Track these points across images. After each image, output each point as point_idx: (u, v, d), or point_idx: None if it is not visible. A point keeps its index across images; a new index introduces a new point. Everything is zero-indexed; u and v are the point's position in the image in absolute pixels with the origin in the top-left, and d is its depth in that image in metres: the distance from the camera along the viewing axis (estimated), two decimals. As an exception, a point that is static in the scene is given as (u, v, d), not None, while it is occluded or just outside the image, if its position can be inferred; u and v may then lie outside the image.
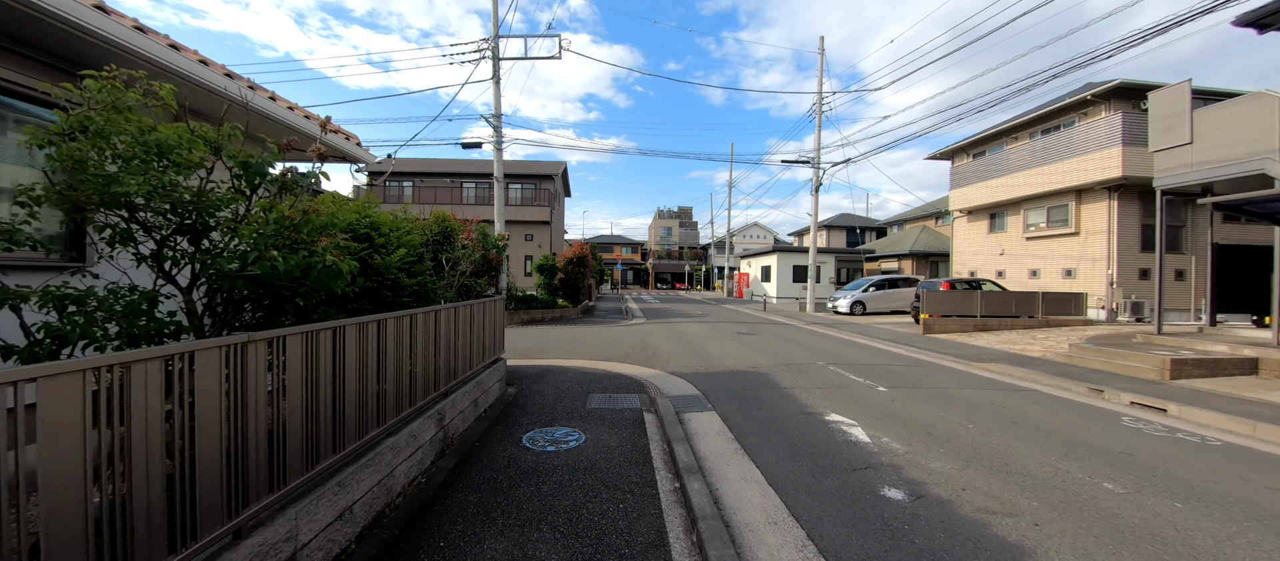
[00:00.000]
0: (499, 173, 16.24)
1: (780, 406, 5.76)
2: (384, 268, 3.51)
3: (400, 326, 3.21)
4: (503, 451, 4.09)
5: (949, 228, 29.75)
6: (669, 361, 8.75)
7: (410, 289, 3.88)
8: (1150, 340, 9.98)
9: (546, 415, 5.17)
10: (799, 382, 7.04)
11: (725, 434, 4.77)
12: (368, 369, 2.86)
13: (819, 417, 5.31)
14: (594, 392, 6.22)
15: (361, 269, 3.37)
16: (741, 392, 6.44)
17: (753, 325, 15.53)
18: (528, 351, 9.66)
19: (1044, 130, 18.33)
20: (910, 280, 21.38)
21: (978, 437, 4.74)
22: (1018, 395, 6.64)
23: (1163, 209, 10.11)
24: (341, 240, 2.79)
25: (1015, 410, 5.81)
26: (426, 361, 3.70)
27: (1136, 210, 15.85)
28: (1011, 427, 5.09)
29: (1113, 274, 15.57)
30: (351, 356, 2.69)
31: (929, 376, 7.73)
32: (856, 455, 4.22)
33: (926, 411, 5.64)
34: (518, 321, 15.15)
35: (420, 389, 3.60)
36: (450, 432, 4.15)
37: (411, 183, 29.86)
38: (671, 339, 11.92)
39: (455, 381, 4.39)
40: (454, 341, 4.32)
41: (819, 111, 20.79)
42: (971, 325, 13.89)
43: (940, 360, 9.36)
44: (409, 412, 3.40)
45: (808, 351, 10.09)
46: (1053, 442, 4.64)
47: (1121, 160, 14.66)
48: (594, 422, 4.93)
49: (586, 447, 4.21)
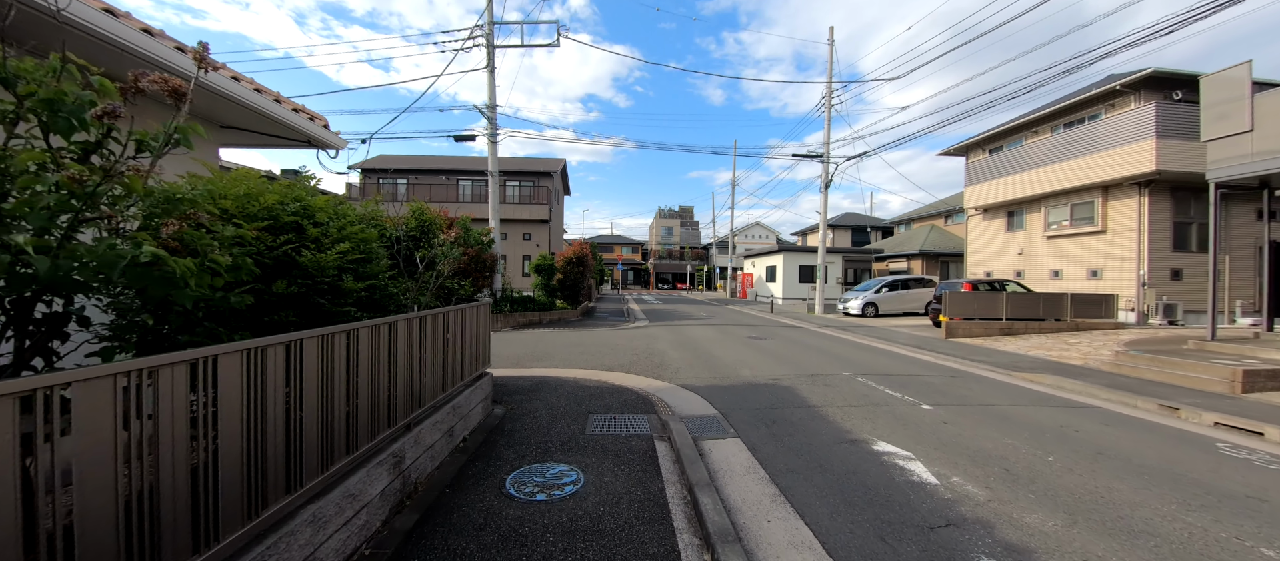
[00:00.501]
0: (493, 167, 15.35)
1: (815, 430, 4.88)
2: (316, 267, 2.62)
3: (328, 349, 2.33)
4: (480, 501, 3.20)
5: (960, 227, 28.88)
6: (677, 372, 7.86)
7: (356, 295, 2.99)
8: (1204, 347, 9.11)
9: (538, 445, 4.29)
10: (829, 398, 6.16)
11: (756, 471, 3.88)
12: (267, 415, 1.98)
13: (865, 447, 4.43)
14: (595, 412, 5.34)
15: (280, 269, 2.49)
16: (765, 412, 5.56)
17: (762, 328, 14.65)
18: (522, 359, 8.78)
19: (1067, 124, 17.46)
20: (923, 280, 20.52)
21: (1066, 476, 3.86)
22: (1082, 415, 5.76)
23: (1217, 203, 9.24)
24: (224, 228, 1.91)
25: (1090, 435, 4.93)
26: (376, 390, 2.82)
27: (1168, 206, 14.97)
28: (1098, 461, 4.21)
29: (1144, 274, 14.69)
30: (231, 403, 1.81)
31: (973, 390, 6.85)
32: (928, 504, 3.33)
33: (989, 437, 4.76)
34: (513, 324, 14.26)
35: (365, 428, 2.71)
36: (412, 477, 3.26)
37: (405, 180, 28.98)
38: (678, 344, 11.04)
39: (422, 409, 3.51)
40: (419, 359, 3.44)
41: (828, 104, 19.92)
42: (996, 329, 13.02)
43: (976, 369, 8.49)
44: (344, 465, 2.52)
45: (828, 359, 9.20)
46: (1159, 482, 3.76)
47: (1155, 153, 13.77)
48: (596, 455, 4.05)
49: (586, 494, 3.33)
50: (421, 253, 5.08)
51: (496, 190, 15.43)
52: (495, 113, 15.04)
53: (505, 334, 12.41)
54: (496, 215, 15.44)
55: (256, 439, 1.93)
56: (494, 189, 15.34)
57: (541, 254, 18.86)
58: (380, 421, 2.88)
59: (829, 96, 19.88)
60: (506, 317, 14.23)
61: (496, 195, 15.45)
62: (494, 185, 15.33)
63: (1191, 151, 13.81)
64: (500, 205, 19.63)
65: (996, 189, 19.32)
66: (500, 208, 17.28)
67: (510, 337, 11.69)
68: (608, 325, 15.21)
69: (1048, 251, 17.89)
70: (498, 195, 15.58)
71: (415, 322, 3.30)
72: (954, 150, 22.40)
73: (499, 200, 17.20)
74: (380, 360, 2.85)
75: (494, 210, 15.39)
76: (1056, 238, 17.50)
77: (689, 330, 14.00)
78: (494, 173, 15.36)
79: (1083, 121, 16.82)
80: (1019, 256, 19.08)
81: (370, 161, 31.18)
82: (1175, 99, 14.59)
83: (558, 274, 18.13)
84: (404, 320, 3.12)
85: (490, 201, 15.42)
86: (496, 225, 15.34)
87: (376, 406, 2.83)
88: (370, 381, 2.75)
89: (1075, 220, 16.78)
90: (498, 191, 15.56)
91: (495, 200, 15.42)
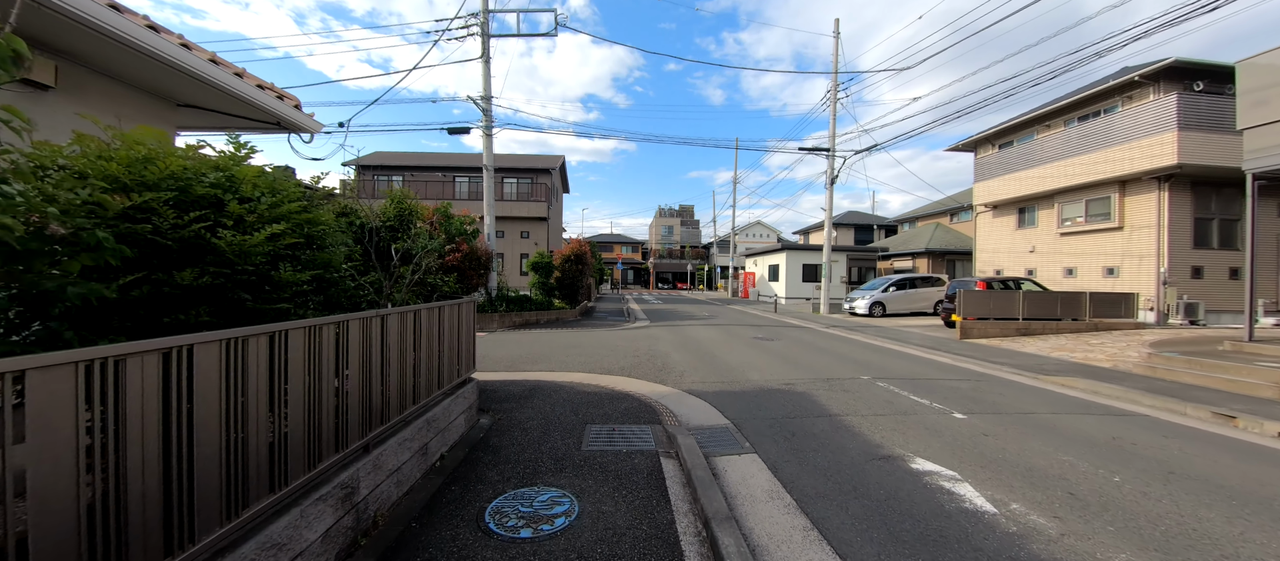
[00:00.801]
0: (488, 161, 14.78)
1: (842, 445, 4.32)
2: (237, 252, 2.06)
3: (237, 358, 1.76)
4: (452, 540, 2.64)
5: (966, 225, 28.34)
6: (682, 376, 7.30)
7: (297, 289, 2.42)
8: (1241, 348, 8.57)
9: (527, 463, 3.72)
10: (850, 406, 5.61)
11: (781, 496, 3.32)
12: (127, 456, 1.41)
13: (902, 464, 3.87)
14: (593, 422, 4.78)
15: (190, 255, 1.93)
16: (782, 422, 5.00)
17: (768, 328, 14.09)
18: (516, 361, 8.21)
19: (1081, 117, 16.91)
20: (930, 279, 19.97)
21: (1143, 502, 3.30)
22: (1131, 425, 5.21)
23: (1254, 195, 8.68)
24: (111, 200, 1.36)
25: (1150, 450, 4.37)
26: (317, 408, 2.25)
27: (1188, 202, 14.42)
28: (1172, 482, 3.66)
29: (1165, 272, 14.14)
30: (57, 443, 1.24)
31: (1004, 396, 6.30)
32: (991, 540, 2.78)
33: (1039, 452, 4.20)
34: (509, 324, 13.69)
35: (299, 456, 2.15)
36: (371, 509, 2.70)
37: (401, 176, 28.40)
38: (681, 345, 10.48)
39: (385, 426, 2.94)
40: (382, 367, 2.87)
41: (834, 95, 19.36)
42: (1013, 329, 12.47)
43: (1000, 372, 7.93)
44: (265, 507, 1.95)
45: (841, 361, 8.65)
46: (1253, 510, 3.21)
47: (1177, 146, 13.22)
48: (593, 477, 3.48)
49: (580, 529, 2.77)
50: (398, 244, 4.52)
51: (492, 185, 14.86)
52: (490, 104, 14.47)
53: (500, 334, 11.84)
54: (491, 211, 14.88)
55: (112, 491, 1.37)
56: (489, 184, 14.77)
57: (539, 252, 18.29)
58: (323, 446, 2.31)
59: (834, 88, 19.32)
60: (502, 317, 13.66)
61: (492, 191, 14.89)
62: (489, 180, 14.76)
63: (1215, 144, 13.28)
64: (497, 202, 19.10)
65: (1007, 185, 18.77)
66: (497, 205, 16.74)
67: (505, 338, 11.13)
68: (607, 325, 14.65)
69: (1061, 249, 17.34)
70: (493, 191, 15.02)
71: (375, 323, 2.73)
72: (963, 145, 21.87)
73: (495, 197, 16.59)
74: (324, 370, 2.29)
75: (489, 206, 14.83)
76: (1071, 235, 16.95)
77: (692, 330, 13.44)
78: (489, 167, 14.80)
79: (1098, 114, 16.27)
80: (1031, 254, 18.53)
81: (365, 158, 30.60)
82: (1196, 90, 14.04)
83: (556, 272, 17.56)
84: (359, 319, 2.56)
85: (485, 197, 14.85)
86: (491, 221, 14.78)
87: (318, 428, 2.27)
88: (308, 398, 2.18)
89: (1091, 216, 16.23)
90: (493, 187, 15.00)
91: (490, 196, 14.86)
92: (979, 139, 20.90)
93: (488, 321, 13.33)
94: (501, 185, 27.79)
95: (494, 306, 14.10)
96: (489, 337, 11.19)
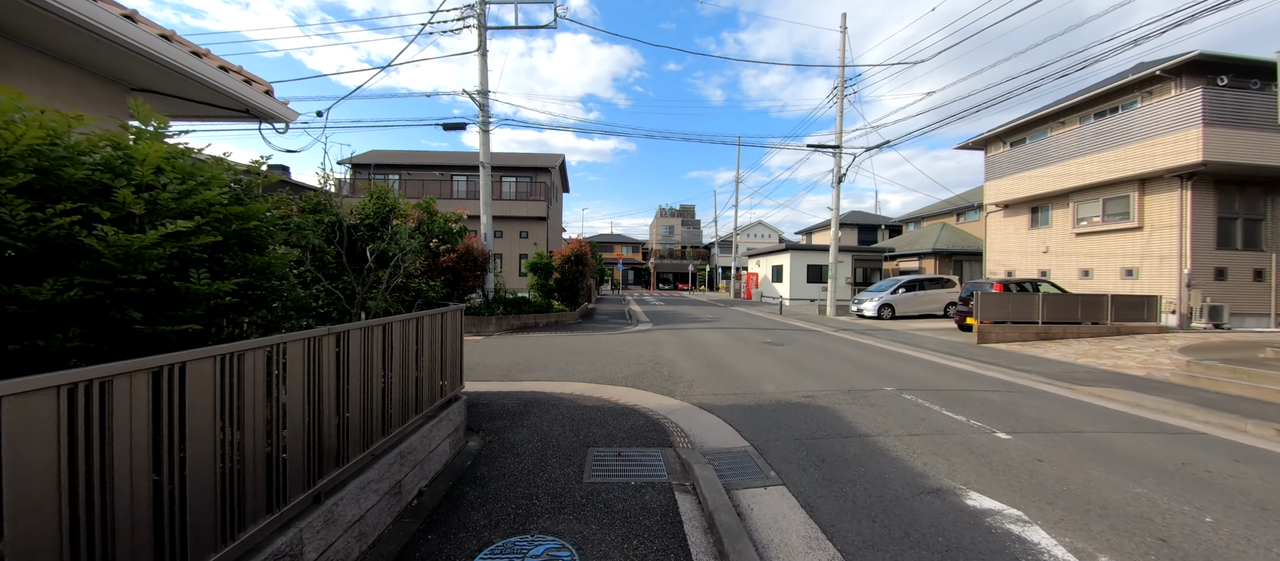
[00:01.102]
0: (485, 158, 14.25)
1: (881, 473, 3.78)
2: (120, 257, 1.53)
3: (88, 407, 1.23)
4: (422, 614, 2.11)
5: (974, 225, 27.81)
6: (691, 386, 6.77)
7: (218, 302, 1.88)
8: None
9: (519, 502, 3.19)
10: (880, 424, 5.07)
11: (821, 545, 2.78)
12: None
13: (956, 500, 3.33)
14: (596, 445, 4.25)
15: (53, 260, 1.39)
16: (808, 444, 4.46)
17: (776, 332, 13.56)
18: (512, 369, 7.68)
19: (1098, 113, 16.37)
20: (940, 280, 19.43)
21: (1251, 552, 2.77)
22: (1194, 445, 4.67)
23: (1299, 193, 8.16)
24: None
25: (1227, 478, 3.84)
26: (233, 463, 1.72)
27: (1212, 200, 13.89)
28: (1271, 521, 3.13)
29: (1188, 274, 13.61)
30: None
31: (1044, 411, 5.77)
32: (1090, 611, 2.24)
33: (1106, 483, 3.67)
34: (507, 328, 13.15)
35: (209, 526, 1.61)
36: (323, 575, 2.17)
37: (398, 175, 27.86)
38: (687, 351, 9.94)
39: (342, 468, 2.41)
40: (337, 396, 2.34)
41: (841, 93, 18.83)
42: (1032, 333, 11.94)
43: (1029, 382, 7.40)
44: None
45: (859, 369, 8.11)
46: (1388, 563, 2.68)
47: (1201, 143, 12.69)
48: (597, 519, 2.95)
49: (583, 597, 2.24)
50: (374, 246, 3.99)
51: (489, 183, 14.33)
52: (487, 99, 13.94)
53: (497, 338, 11.30)
54: (489, 210, 14.35)
55: None
56: (485, 181, 14.24)
57: (538, 252, 17.74)
58: (247, 509, 1.78)
59: (841, 84, 18.79)
60: (500, 320, 13.13)
61: (489, 189, 14.36)
62: (486, 177, 14.23)
63: (1242, 140, 12.76)
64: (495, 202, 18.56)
65: (1019, 184, 18.24)
66: (495, 204, 16.22)
67: (501, 343, 10.59)
68: (608, 328, 14.11)
69: (1077, 250, 16.80)
70: (490, 189, 14.49)
71: (327, 342, 2.20)
72: (973, 143, 21.34)
73: (493, 196, 16.02)
74: (249, 411, 1.75)
75: (486, 205, 14.29)
76: (1087, 235, 16.42)
77: (697, 334, 12.90)
78: (486, 164, 14.26)
79: (1115, 111, 15.73)
80: (1044, 255, 17.99)
81: (361, 157, 30.07)
82: (1221, 84, 13.51)
83: (555, 273, 17.02)
84: (301, 340, 2.02)
85: (482, 196, 14.32)
86: (489, 221, 14.25)
87: (236, 490, 1.73)
88: (222, 452, 1.65)
89: (1108, 216, 15.70)
90: (490, 184, 14.46)
91: (487, 194, 14.33)
92: (989, 136, 20.36)
93: (484, 324, 12.80)
94: (500, 184, 27.27)
95: (491, 309, 13.56)
96: (485, 342, 10.66)
